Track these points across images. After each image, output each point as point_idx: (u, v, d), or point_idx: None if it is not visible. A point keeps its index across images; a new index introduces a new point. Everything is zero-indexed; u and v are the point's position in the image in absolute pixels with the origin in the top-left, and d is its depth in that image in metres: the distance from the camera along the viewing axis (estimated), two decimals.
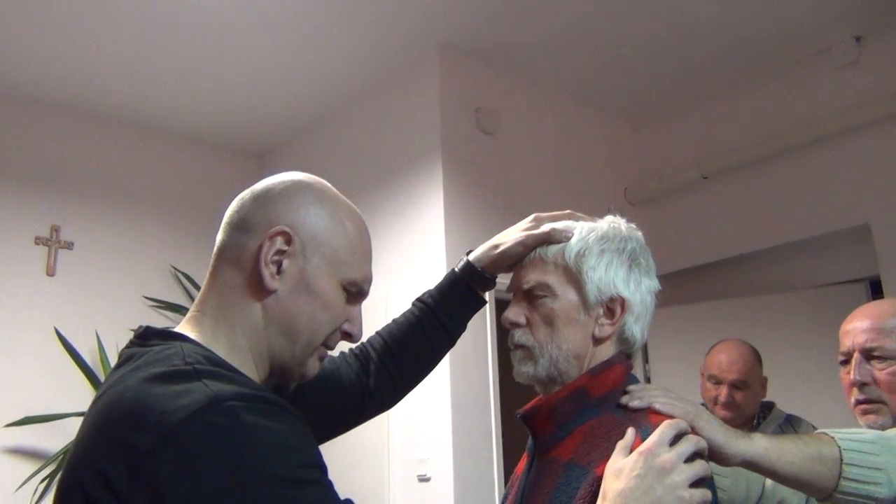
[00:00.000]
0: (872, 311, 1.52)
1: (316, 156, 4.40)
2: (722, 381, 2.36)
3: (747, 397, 2.36)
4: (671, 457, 0.97)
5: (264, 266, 0.96)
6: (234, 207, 1.03)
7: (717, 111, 4.25)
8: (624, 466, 0.97)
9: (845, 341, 1.52)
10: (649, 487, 0.94)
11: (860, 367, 1.46)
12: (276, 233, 0.97)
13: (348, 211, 1.05)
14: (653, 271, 1.20)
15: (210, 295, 0.99)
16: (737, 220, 4.06)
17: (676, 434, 1.01)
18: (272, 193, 1.01)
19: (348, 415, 1.30)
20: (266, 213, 0.99)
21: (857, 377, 1.46)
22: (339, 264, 1.01)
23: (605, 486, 0.98)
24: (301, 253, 0.98)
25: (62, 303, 3.96)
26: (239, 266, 0.98)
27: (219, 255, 1.01)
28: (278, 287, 0.97)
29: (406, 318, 1.37)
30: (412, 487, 3.37)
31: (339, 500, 0.85)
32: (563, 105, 4.23)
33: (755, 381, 2.40)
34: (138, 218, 4.32)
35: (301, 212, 1.00)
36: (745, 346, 2.46)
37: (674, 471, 0.96)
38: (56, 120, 4.14)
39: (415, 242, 3.63)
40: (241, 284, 0.97)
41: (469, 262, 1.34)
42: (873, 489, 1.15)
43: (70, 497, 0.82)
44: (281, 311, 0.97)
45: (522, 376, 1.18)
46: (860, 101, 3.64)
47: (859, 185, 3.62)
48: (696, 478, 0.97)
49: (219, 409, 0.79)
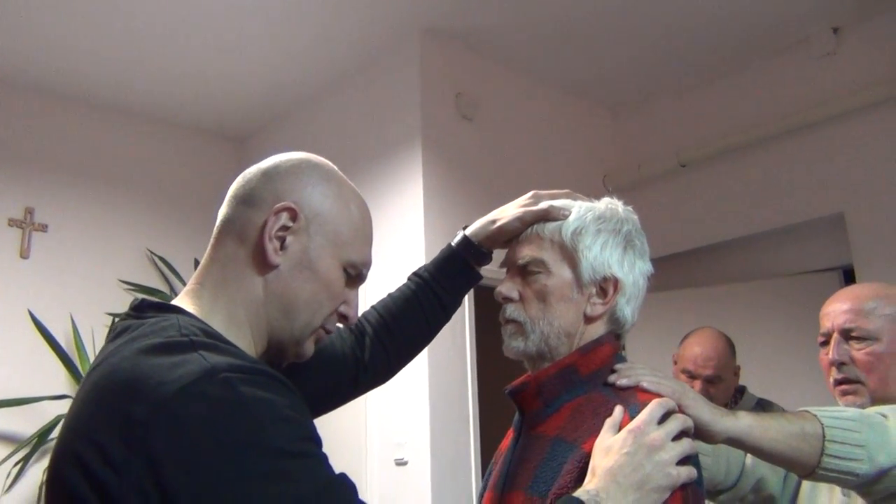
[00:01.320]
0: (852, 294, 1.54)
1: (295, 140, 4.38)
2: (696, 376, 2.37)
3: (721, 390, 2.37)
4: (660, 435, 0.99)
5: (268, 240, 0.96)
6: (240, 181, 1.03)
7: (696, 100, 4.27)
8: (613, 444, 0.99)
9: (825, 323, 1.54)
10: (638, 465, 0.96)
11: (839, 347, 1.48)
12: (281, 208, 0.97)
13: (354, 194, 1.06)
14: (647, 254, 1.21)
15: (211, 268, 1.00)
16: (714, 208, 4.10)
17: (665, 413, 1.02)
18: (280, 170, 1.02)
19: (342, 389, 1.30)
20: (273, 188, 0.99)
21: (836, 356, 1.48)
22: (342, 245, 1.01)
23: (594, 462, 0.99)
24: (305, 230, 0.99)
25: (36, 285, 3.91)
26: (242, 240, 0.98)
27: (222, 228, 1.01)
28: (280, 262, 0.97)
29: (402, 292, 1.37)
30: (390, 471, 3.38)
31: (334, 473, 0.85)
32: (543, 92, 4.24)
33: (729, 373, 2.41)
34: (114, 201, 4.28)
35: (308, 190, 1.00)
36: (720, 338, 2.45)
37: (662, 448, 0.98)
38: (30, 101, 4.08)
39: (394, 227, 3.63)
40: (243, 258, 0.98)
41: (466, 237, 1.34)
42: (854, 465, 1.17)
43: (65, 468, 0.82)
44: (282, 287, 0.98)
45: (512, 351, 1.18)
46: (837, 91, 3.68)
47: (835, 175, 3.66)
48: (683, 455, 0.99)
49: (214, 381, 0.79)
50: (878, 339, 1.46)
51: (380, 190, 3.74)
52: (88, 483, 0.78)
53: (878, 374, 1.44)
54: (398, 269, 3.32)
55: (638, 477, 0.95)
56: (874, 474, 1.18)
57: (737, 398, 2.46)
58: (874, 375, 1.45)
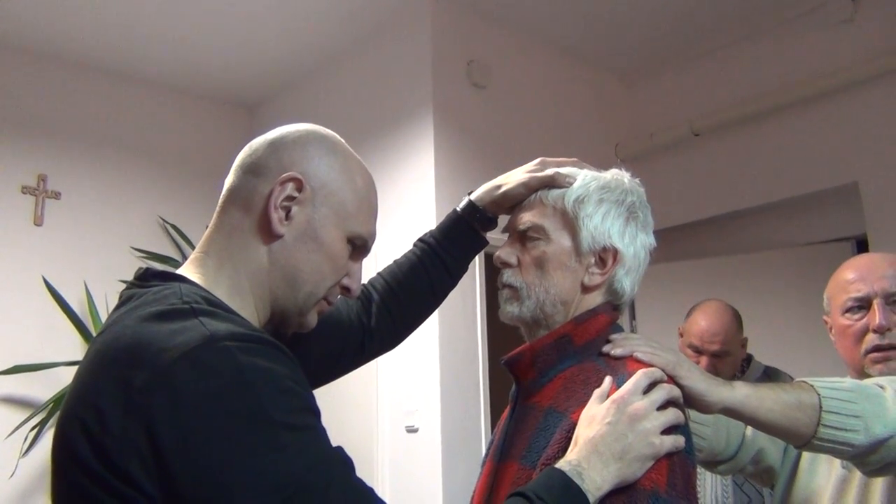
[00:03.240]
0: (889, 259, 1.50)
1: (306, 108, 4.36)
2: (703, 351, 2.32)
3: (727, 364, 2.33)
4: (644, 404, 0.98)
5: (273, 210, 0.97)
6: (246, 151, 1.03)
7: (710, 68, 4.22)
8: (597, 414, 0.99)
9: (860, 287, 1.48)
10: (620, 434, 0.96)
11: (884, 311, 1.44)
12: (287, 178, 0.98)
13: (360, 166, 1.06)
14: (650, 228, 1.20)
15: (216, 237, 1.00)
16: (727, 177, 4.06)
17: (651, 382, 1.02)
18: (287, 140, 1.02)
19: (348, 356, 1.31)
20: (279, 158, 1.00)
21: (883, 321, 1.43)
22: (347, 217, 1.02)
23: (577, 432, 1.00)
24: (311, 201, 0.99)
25: (50, 253, 3.94)
26: (248, 209, 0.99)
27: (228, 197, 1.01)
28: (285, 232, 0.98)
29: (407, 259, 1.38)
30: (400, 438, 3.41)
31: (331, 446, 0.85)
32: (556, 60, 4.19)
33: (736, 346, 2.36)
34: (126, 169, 4.28)
35: (314, 161, 1.00)
36: (726, 311, 2.39)
37: (645, 418, 0.97)
38: (42, 69, 4.08)
39: (405, 195, 3.62)
40: (248, 227, 0.98)
41: (471, 202, 1.34)
42: (851, 436, 1.17)
43: (69, 432, 0.83)
44: (286, 257, 0.98)
45: (507, 316, 1.19)
46: (854, 59, 3.62)
47: (849, 144, 3.62)
48: (668, 425, 0.99)
49: (214, 348, 0.80)
50: None
51: (391, 158, 3.73)
52: (90, 446, 0.80)
53: None
54: (409, 238, 3.31)
55: (620, 447, 0.95)
56: (870, 445, 1.18)
57: (743, 367, 2.45)
58: None
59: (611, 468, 0.95)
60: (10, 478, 3.52)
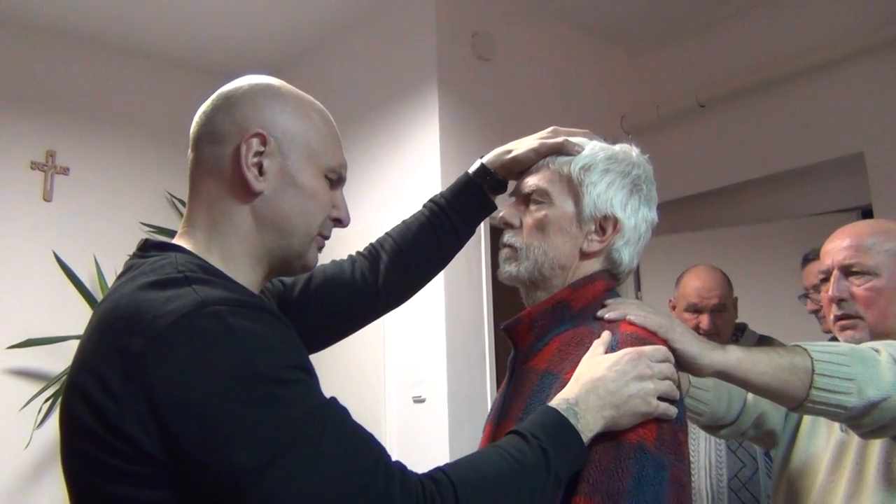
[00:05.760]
0: (852, 231, 1.54)
1: (310, 81, 4.35)
2: (703, 308, 2.35)
3: (725, 321, 2.38)
4: (654, 367, 1.02)
5: (247, 170, 0.98)
6: (198, 121, 1.04)
7: (715, 39, 4.19)
8: (605, 359, 1.02)
9: (825, 260, 1.54)
10: (624, 384, 0.99)
11: (838, 284, 1.49)
12: (250, 135, 0.98)
13: (310, 102, 1.07)
14: (653, 203, 1.21)
15: (197, 210, 1.02)
16: (732, 148, 4.05)
17: (662, 359, 1.05)
18: (234, 100, 1.02)
19: (355, 315, 1.33)
20: (234, 119, 1.00)
21: (835, 293, 1.49)
22: (316, 155, 1.03)
23: (579, 371, 1.03)
24: (278, 151, 1.00)
25: (60, 228, 3.98)
26: (219, 176, 1.00)
27: (195, 171, 1.03)
28: (264, 188, 0.99)
29: (416, 219, 1.40)
30: (408, 408, 3.45)
31: (324, 398, 0.88)
32: (560, 32, 4.18)
33: (731, 303, 2.42)
34: (134, 144, 4.30)
35: (268, 111, 1.01)
36: (716, 270, 2.45)
37: (651, 380, 1.00)
38: (50, 45, 4.09)
39: (410, 169, 3.63)
40: (225, 193, 1.00)
41: (482, 165, 1.36)
42: (843, 399, 1.19)
43: (72, 399, 0.87)
44: (271, 210, 1.00)
45: (504, 275, 1.21)
46: (860, 28, 3.59)
47: (855, 114, 3.61)
48: (666, 394, 1.02)
49: (205, 313, 0.83)
50: (878, 274, 1.46)
51: (395, 132, 3.74)
52: (91, 411, 0.83)
53: (878, 308, 1.45)
54: (414, 210, 3.33)
55: (619, 397, 0.98)
56: (863, 407, 1.20)
57: (738, 335, 2.48)
58: (873, 310, 1.45)
59: (605, 413, 0.98)
60: (26, 448, 3.59)
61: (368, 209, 3.70)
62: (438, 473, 0.89)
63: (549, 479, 0.93)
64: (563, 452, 0.95)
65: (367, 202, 3.75)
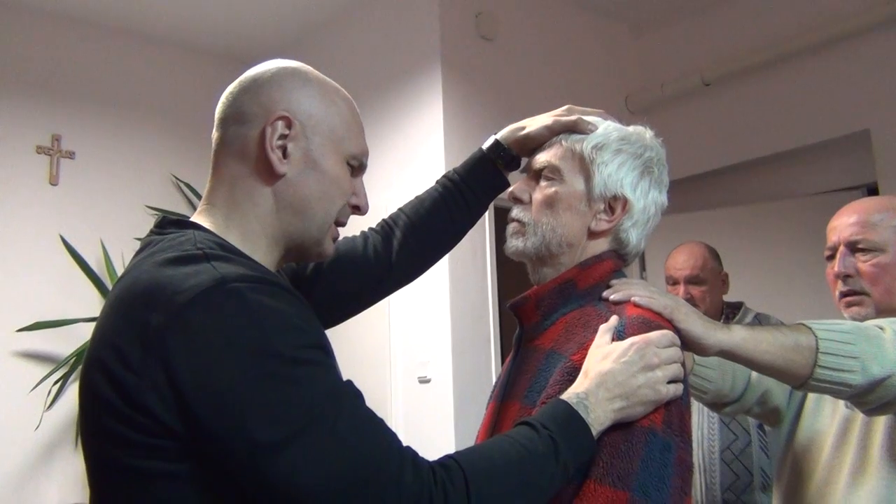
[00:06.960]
0: (859, 207, 1.54)
1: (314, 63, 4.29)
2: (677, 280, 2.46)
3: (704, 293, 2.44)
4: (662, 355, 1.02)
5: (271, 151, 0.99)
6: (224, 102, 1.05)
7: (719, 17, 4.16)
8: (613, 350, 1.02)
9: (831, 237, 1.54)
10: (632, 375, 1.00)
11: (844, 260, 1.49)
12: (275, 118, 0.99)
13: (335, 89, 1.08)
14: (664, 187, 1.21)
15: (218, 189, 1.03)
16: (738, 127, 4.03)
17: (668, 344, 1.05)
18: (261, 82, 1.03)
19: (367, 291, 1.34)
20: (260, 101, 1.01)
21: (841, 269, 1.49)
22: (339, 141, 1.04)
23: (588, 364, 1.03)
24: (302, 135, 1.01)
25: (66, 211, 3.99)
26: (243, 157, 1.01)
27: (219, 151, 1.04)
28: (287, 171, 1.00)
29: (430, 194, 1.40)
30: (413, 389, 3.47)
31: (341, 380, 0.89)
32: (564, 11, 4.15)
33: (712, 276, 2.48)
34: (139, 127, 4.31)
35: (294, 95, 1.02)
36: (700, 245, 2.55)
37: (659, 367, 1.01)
38: (54, 28, 4.08)
39: (414, 150, 3.63)
40: (248, 174, 1.01)
41: (496, 140, 1.36)
42: (848, 377, 1.19)
43: (92, 373, 0.88)
44: (292, 193, 1.01)
45: (511, 249, 1.22)
46: (864, 4, 3.56)
47: (861, 92, 3.59)
48: (675, 378, 1.03)
49: (224, 290, 0.84)
50: (885, 250, 1.46)
51: (399, 113, 3.73)
52: (111, 385, 0.84)
53: (884, 285, 1.45)
54: (418, 191, 3.34)
55: (629, 388, 0.99)
56: (868, 384, 1.20)
57: (734, 313, 2.51)
58: (879, 286, 1.45)
59: (615, 405, 0.99)
60: (36, 430, 3.62)
61: (372, 189, 3.62)
62: (449, 460, 0.90)
63: (558, 468, 0.94)
64: (572, 443, 0.96)
65: (370, 182, 3.66)
